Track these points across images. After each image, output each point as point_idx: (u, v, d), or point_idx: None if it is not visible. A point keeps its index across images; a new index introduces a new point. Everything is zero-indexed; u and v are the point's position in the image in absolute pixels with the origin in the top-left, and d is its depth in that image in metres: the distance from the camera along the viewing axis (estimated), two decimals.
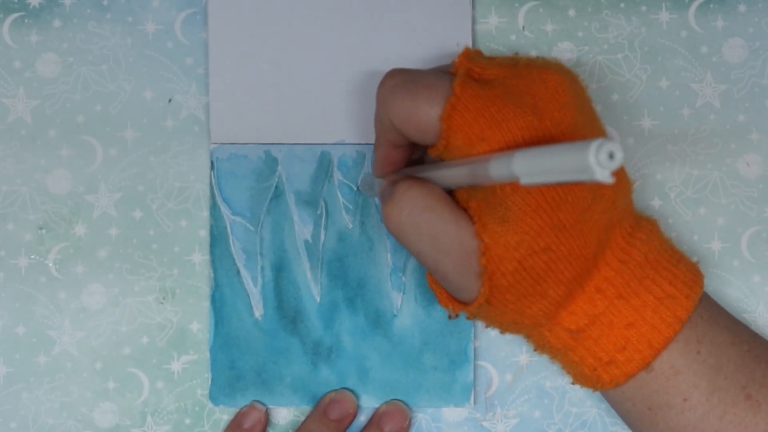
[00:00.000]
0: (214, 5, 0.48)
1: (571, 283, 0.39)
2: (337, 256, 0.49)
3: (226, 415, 0.49)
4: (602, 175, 0.30)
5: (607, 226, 0.39)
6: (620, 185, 0.40)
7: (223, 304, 0.48)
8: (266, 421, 0.49)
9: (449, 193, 0.41)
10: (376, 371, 0.48)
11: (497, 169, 0.35)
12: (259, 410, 0.48)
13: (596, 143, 0.29)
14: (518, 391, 0.49)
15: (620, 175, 0.40)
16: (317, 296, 0.49)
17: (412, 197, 0.40)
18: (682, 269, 0.41)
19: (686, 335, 0.41)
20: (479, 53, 0.42)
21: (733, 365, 0.41)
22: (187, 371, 0.49)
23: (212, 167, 0.49)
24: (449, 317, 0.43)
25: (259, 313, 0.48)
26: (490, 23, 0.49)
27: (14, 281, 0.49)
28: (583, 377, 0.42)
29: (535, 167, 0.32)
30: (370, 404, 0.49)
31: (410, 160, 0.45)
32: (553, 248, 0.38)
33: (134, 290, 0.49)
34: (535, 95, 0.39)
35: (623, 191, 0.41)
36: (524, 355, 0.49)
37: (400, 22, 0.48)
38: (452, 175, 0.39)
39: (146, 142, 0.49)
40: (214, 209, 0.49)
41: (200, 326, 0.49)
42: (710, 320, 0.42)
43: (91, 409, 0.49)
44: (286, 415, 0.49)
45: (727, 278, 0.49)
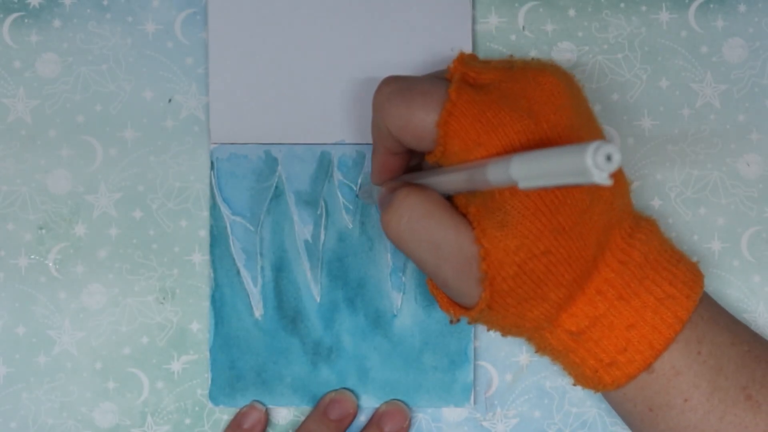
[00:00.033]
0: (214, 5, 0.48)
1: (571, 285, 0.39)
2: (337, 256, 0.49)
3: (226, 415, 0.49)
4: (600, 177, 0.29)
5: (606, 227, 0.39)
6: (618, 186, 0.40)
7: (223, 304, 0.48)
8: (266, 421, 0.49)
9: (448, 198, 0.41)
10: (376, 371, 0.48)
11: (495, 173, 0.35)
12: (259, 410, 0.48)
13: (593, 146, 0.29)
14: (518, 391, 0.49)
15: (618, 175, 0.40)
16: (317, 296, 0.49)
17: (410, 204, 0.40)
18: (682, 269, 0.41)
19: (687, 335, 0.41)
20: (474, 57, 0.42)
21: (733, 365, 0.41)
22: (187, 371, 0.49)
23: (212, 167, 0.48)
24: (450, 322, 0.42)
25: (259, 313, 0.48)
26: (490, 23, 0.49)
27: (14, 281, 0.49)
28: (584, 379, 0.42)
29: (532, 171, 0.32)
30: (370, 404, 0.49)
31: (408, 166, 0.45)
32: (552, 251, 0.38)
33: (134, 290, 0.49)
34: (530, 98, 0.39)
35: (621, 192, 0.40)
36: (524, 355, 0.49)
37: (400, 22, 0.48)
38: (450, 180, 0.39)
39: (146, 142, 0.49)
40: (214, 209, 0.48)
41: (200, 326, 0.49)
42: (710, 320, 0.42)
43: (91, 409, 0.49)
44: (286, 415, 0.49)
45: (727, 278, 0.49)
